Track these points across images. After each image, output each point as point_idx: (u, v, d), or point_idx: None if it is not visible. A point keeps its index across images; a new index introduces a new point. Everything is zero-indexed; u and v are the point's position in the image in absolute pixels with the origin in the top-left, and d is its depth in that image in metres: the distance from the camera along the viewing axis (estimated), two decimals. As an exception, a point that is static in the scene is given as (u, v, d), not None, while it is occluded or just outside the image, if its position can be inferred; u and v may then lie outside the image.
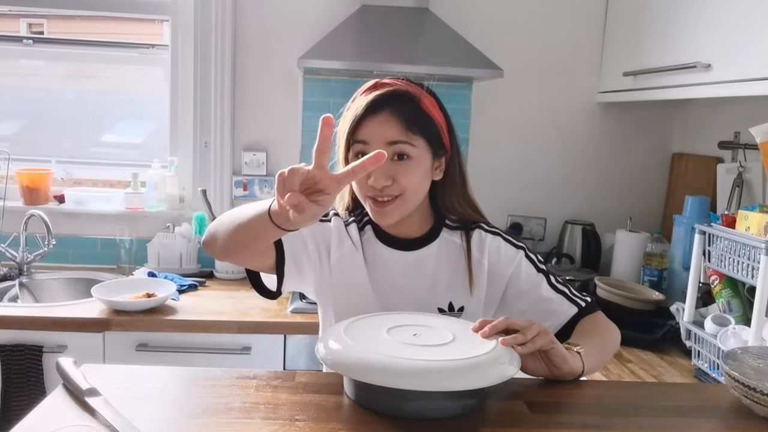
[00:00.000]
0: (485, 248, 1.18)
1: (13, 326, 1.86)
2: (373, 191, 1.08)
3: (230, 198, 2.46)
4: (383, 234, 1.18)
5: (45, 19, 2.86)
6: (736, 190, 2.02)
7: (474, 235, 1.19)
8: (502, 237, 1.20)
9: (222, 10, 2.32)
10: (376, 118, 1.07)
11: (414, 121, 1.08)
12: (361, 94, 1.13)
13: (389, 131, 1.07)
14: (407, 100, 1.10)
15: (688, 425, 0.87)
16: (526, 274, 1.18)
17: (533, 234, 2.54)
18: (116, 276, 2.29)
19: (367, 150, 1.06)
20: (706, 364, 1.57)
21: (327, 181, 0.82)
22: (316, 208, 0.82)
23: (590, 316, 1.18)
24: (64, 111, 2.61)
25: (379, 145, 1.06)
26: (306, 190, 0.82)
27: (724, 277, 1.61)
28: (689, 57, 1.82)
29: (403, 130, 1.07)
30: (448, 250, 1.18)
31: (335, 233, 1.17)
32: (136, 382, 0.92)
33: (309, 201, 0.81)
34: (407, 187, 1.08)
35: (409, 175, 1.08)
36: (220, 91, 2.37)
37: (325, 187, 0.82)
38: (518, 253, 1.19)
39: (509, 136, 2.53)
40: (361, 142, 1.08)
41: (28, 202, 2.42)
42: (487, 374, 0.82)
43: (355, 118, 1.08)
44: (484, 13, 2.45)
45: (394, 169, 1.07)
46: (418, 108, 1.10)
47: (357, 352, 0.83)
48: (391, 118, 1.07)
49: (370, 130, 1.07)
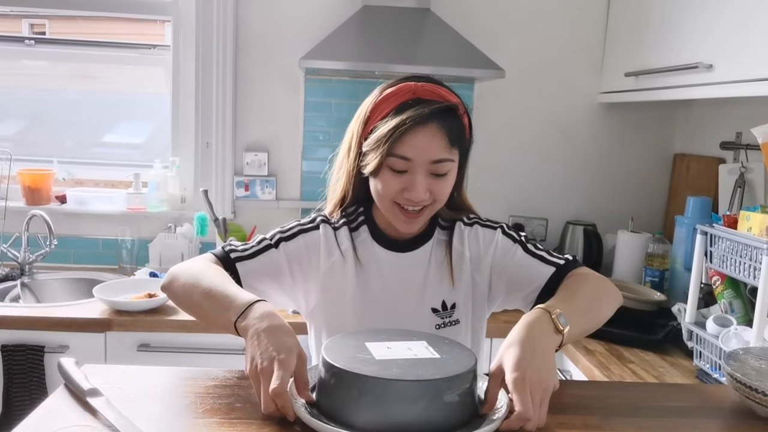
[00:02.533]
0: (465, 239, 1.17)
1: (15, 326, 1.86)
2: (406, 202, 1.06)
3: (232, 198, 2.46)
4: (379, 235, 1.17)
5: (47, 20, 2.86)
6: (737, 190, 2.02)
7: (455, 229, 1.18)
8: (479, 223, 1.19)
9: (223, 11, 2.32)
10: (423, 131, 1.02)
11: (455, 135, 1.06)
12: (395, 98, 1.06)
13: (435, 150, 1.03)
14: (453, 114, 1.06)
15: (689, 426, 0.87)
16: (503, 248, 1.16)
17: (535, 235, 2.54)
18: (118, 276, 2.29)
19: (408, 168, 1.04)
20: (708, 364, 1.57)
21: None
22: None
23: (574, 272, 1.11)
24: (65, 111, 2.62)
25: (422, 163, 1.03)
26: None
27: (726, 277, 1.61)
28: (691, 57, 1.82)
29: (446, 146, 1.04)
30: (438, 250, 1.17)
31: (324, 242, 1.15)
32: (138, 382, 0.92)
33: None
34: (440, 197, 1.08)
35: (445, 189, 1.08)
36: (222, 91, 2.37)
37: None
38: (495, 233, 1.17)
39: (510, 136, 2.53)
40: (402, 157, 1.03)
41: (29, 203, 2.42)
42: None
43: (399, 131, 1.02)
44: (486, 14, 2.45)
45: (432, 183, 1.06)
46: (460, 121, 1.08)
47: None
48: (437, 134, 1.03)
49: (415, 147, 1.02)
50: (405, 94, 1.05)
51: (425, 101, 1.04)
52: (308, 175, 2.49)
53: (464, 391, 0.80)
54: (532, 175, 2.56)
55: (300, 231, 1.16)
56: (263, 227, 2.45)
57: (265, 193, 2.47)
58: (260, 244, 1.14)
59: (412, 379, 0.77)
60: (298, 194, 2.51)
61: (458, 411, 0.79)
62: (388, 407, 0.76)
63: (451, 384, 0.78)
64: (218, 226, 2.35)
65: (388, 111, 1.05)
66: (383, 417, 0.76)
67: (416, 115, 1.02)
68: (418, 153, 1.03)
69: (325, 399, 0.82)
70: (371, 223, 1.17)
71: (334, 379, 0.80)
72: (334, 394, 0.80)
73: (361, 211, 1.18)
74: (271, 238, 1.15)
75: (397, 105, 1.05)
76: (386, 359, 0.82)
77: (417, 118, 1.01)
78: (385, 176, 1.06)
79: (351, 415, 0.78)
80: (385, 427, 0.76)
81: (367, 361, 0.81)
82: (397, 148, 1.03)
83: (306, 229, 1.16)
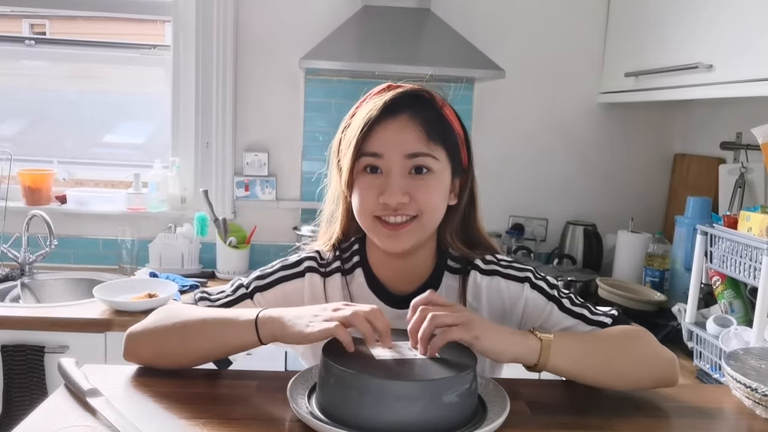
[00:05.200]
0: (482, 295, 1.00)
1: (15, 326, 1.86)
2: (384, 210, 0.92)
3: (232, 198, 2.46)
4: (376, 285, 1.01)
5: (47, 20, 2.86)
6: (738, 190, 2.02)
7: (469, 279, 1.00)
8: (500, 274, 1.00)
9: (224, 11, 2.32)
10: (391, 124, 0.91)
11: (435, 128, 0.92)
12: (371, 96, 0.97)
13: (408, 141, 0.91)
14: (427, 103, 0.94)
15: (689, 426, 0.87)
16: (535, 306, 0.99)
17: (535, 235, 2.54)
18: (118, 276, 2.29)
19: (379, 164, 0.92)
20: (708, 365, 1.57)
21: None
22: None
23: (617, 327, 0.97)
24: (66, 111, 2.62)
25: (396, 157, 0.91)
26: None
27: (726, 277, 1.61)
28: (691, 58, 1.82)
29: (423, 139, 0.91)
30: (450, 300, 0.94)
31: (308, 294, 1.01)
32: (138, 382, 0.92)
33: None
34: (426, 207, 0.92)
35: (429, 193, 0.92)
36: (222, 91, 2.37)
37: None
38: (523, 287, 0.99)
39: (511, 136, 2.53)
40: (373, 154, 0.91)
41: (29, 203, 2.42)
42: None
43: (366, 124, 0.91)
44: (486, 14, 2.45)
45: (412, 184, 0.91)
46: (440, 114, 0.95)
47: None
48: (409, 123, 0.91)
49: (384, 139, 0.91)
50: (378, 92, 0.96)
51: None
52: (308, 176, 2.49)
53: (464, 392, 0.80)
54: (532, 175, 2.56)
55: (281, 279, 1.01)
56: (263, 227, 2.46)
57: (265, 194, 2.47)
58: (235, 292, 1.01)
59: (412, 380, 0.77)
60: (298, 194, 2.51)
61: (458, 411, 0.79)
62: (388, 407, 0.76)
63: (451, 384, 0.78)
64: (218, 227, 2.35)
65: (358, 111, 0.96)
66: (383, 417, 0.76)
67: (383, 104, 0.91)
68: (388, 146, 0.91)
69: (325, 399, 0.82)
70: (366, 267, 1.02)
71: (334, 379, 0.80)
72: (334, 395, 0.80)
73: (356, 249, 1.03)
74: (247, 285, 1.01)
75: (367, 103, 0.95)
76: (386, 359, 0.82)
77: (383, 107, 0.91)
78: (360, 185, 0.93)
79: (351, 415, 0.78)
80: (384, 428, 0.76)
81: (367, 362, 0.81)
82: (366, 146, 0.91)
83: (288, 276, 1.02)
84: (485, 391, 0.88)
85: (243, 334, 0.88)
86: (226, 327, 0.90)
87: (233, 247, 2.36)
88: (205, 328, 0.91)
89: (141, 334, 0.94)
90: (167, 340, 0.93)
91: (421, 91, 0.95)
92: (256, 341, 0.88)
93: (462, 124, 1.00)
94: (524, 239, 2.51)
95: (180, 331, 0.92)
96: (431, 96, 0.96)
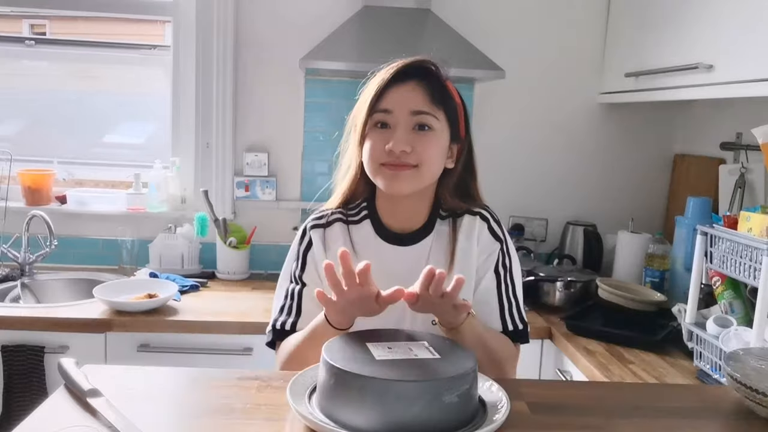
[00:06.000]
0: (474, 234, 1.16)
1: (15, 327, 1.86)
2: (389, 157, 1.07)
3: (232, 199, 2.46)
4: (382, 228, 1.16)
5: (47, 20, 2.86)
6: (738, 191, 2.02)
7: (463, 221, 1.17)
8: (488, 224, 1.18)
9: (224, 11, 2.32)
10: (402, 87, 1.08)
11: (438, 93, 1.09)
12: (386, 68, 1.13)
13: (414, 100, 1.07)
14: (433, 74, 1.11)
15: (689, 426, 0.87)
16: (489, 269, 1.16)
17: (535, 235, 2.54)
18: (118, 277, 2.29)
19: (388, 120, 1.08)
20: (708, 365, 1.57)
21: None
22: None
23: (508, 340, 1.14)
24: (66, 112, 2.62)
25: (403, 114, 1.07)
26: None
27: (726, 278, 1.61)
28: (691, 58, 1.82)
29: (428, 101, 1.08)
30: (440, 242, 1.16)
31: (318, 251, 1.16)
32: (138, 382, 0.92)
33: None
34: (425, 158, 1.07)
35: (428, 147, 1.08)
36: (222, 91, 2.37)
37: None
38: (495, 245, 1.17)
39: (511, 136, 2.53)
40: (384, 111, 1.08)
41: (30, 203, 2.42)
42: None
43: (380, 86, 1.08)
44: (486, 14, 2.45)
45: (415, 138, 1.07)
46: (443, 84, 1.12)
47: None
48: (417, 87, 1.08)
49: (394, 99, 1.07)
50: (391, 66, 1.12)
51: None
52: (308, 176, 2.49)
53: (464, 392, 0.80)
54: (533, 175, 2.56)
55: (304, 251, 1.18)
56: (263, 227, 2.46)
57: (266, 194, 2.47)
58: (292, 296, 1.16)
59: (412, 380, 0.77)
60: (298, 195, 2.51)
61: (458, 412, 0.79)
62: (388, 408, 0.76)
63: (451, 385, 0.78)
64: (218, 227, 2.35)
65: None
66: (383, 417, 0.76)
67: (395, 71, 1.09)
68: (398, 104, 1.07)
69: (325, 399, 0.82)
70: (374, 216, 1.17)
71: (334, 379, 0.80)
72: (334, 394, 0.80)
73: (364, 205, 1.18)
74: (291, 280, 1.18)
75: (382, 72, 1.12)
76: (386, 359, 0.82)
77: (396, 74, 1.09)
78: (371, 137, 1.09)
79: (351, 415, 0.78)
80: (385, 428, 0.76)
81: (368, 362, 0.81)
82: (379, 104, 1.08)
83: (306, 247, 1.18)
84: (485, 392, 0.88)
85: (327, 333, 0.99)
86: (314, 337, 1.03)
87: (233, 248, 2.36)
88: (308, 345, 1.05)
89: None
90: (299, 367, 1.02)
91: (429, 62, 1.12)
92: (337, 332, 0.99)
93: (462, 99, 1.16)
94: (524, 239, 2.51)
95: (297, 357, 1.07)
96: (437, 67, 1.13)
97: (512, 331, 1.15)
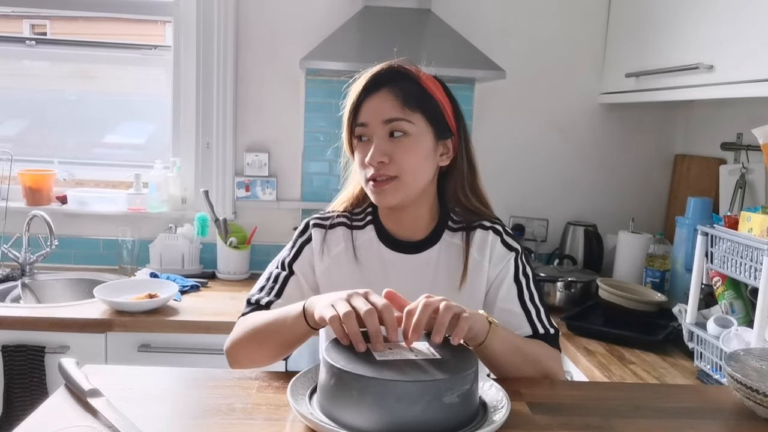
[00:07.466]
0: (487, 249, 1.14)
1: (16, 327, 1.86)
2: (371, 171, 1.07)
3: (232, 199, 2.46)
4: (386, 235, 1.15)
5: (48, 20, 2.86)
6: (738, 191, 2.02)
7: (476, 235, 1.15)
8: (501, 237, 1.16)
9: (224, 11, 2.32)
10: (373, 98, 1.07)
11: (412, 97, 1.07)
12: (359, 77, 1.12)
13: (385, 109, 1.06)
14: (405, 77, 1.09)
15: (690, 427, 0.87)
16: (506, 278, 1.14)
17: (535, 235, 2.54)
18: (118, 277, 2.29)
19: (366, 133, 1.08)
20: (709, 365, 1.57)
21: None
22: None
23: (543, 342, 1.10)
24: (66, 112, 2.62)
25: (377, 125, 1.06)
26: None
27: (727, 278, 1.61)
28: (691, 58, 1.82)
29: (399, 106, 1.06)
30: (449, 254, 1.14)
31: (317, 247, 1.16)
32: (138, 382, 0.92)
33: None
34: (404, 167, 1.06)
35: (406, 154, 1.06)
36: (223, 92, 2.37)
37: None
38: (509, 255, 1.15)
39: (511, 137, 2.53)
40: (361, 125, 1.08)
41: (30, 203, 2.43)
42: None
43: (355, 101, 1.08)
44: (487, 14, 2.45)
45: (392, 147, 1.06)
46: (417, 85, 1.09)
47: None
48: (388, 95, 1.06)
49: (367, 111, 1.07)
50: (362, 77, 1.11)
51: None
52: (309, 176, 2.49)
53: (464, 393, 0.80)
54: (533, 175, 2.56)
55: (301, 244, 1.18)
56: (264, 228, 2.46)
57: (266, 194, 2.47)
58: (277, 279, 1.16)
59: (413, 380, 0.77)
60: (298, 195, 2.51)
61: (458, 412, 0.79)
62: (389, 408, 0.76)
63: (452, 385, 0.78)
64: (219, 227, 2.35)
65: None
66: (384, 418, 0.76)
67: (365, 83, 1.08)
68: (371, 116, 1.07)
69: (325, 399, 0.82)
70: (378, 222, 1.17)
71: (335, 379, 0.80)
72: (335, 395, 0.80)
73: (369, 210, 1.19)
74: (281, 266, 1.17)
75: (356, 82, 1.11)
76: (387, 360, 0.82)
77: (366, 84, 1.08)
78: (357, 151, 1.10)
79: (351, 415, 0.78)
80: (385, 428, 0.76)
81: (368, 362, 0.81)
82: (357, 118, 1.09)
83: (305, 240, 1.18)
84: (485, 392, 0.88)
85: (297, 326, 0.97)
86: (282, 323, 1.00)
87: (234, 248, 2.36)
88: (269, 328, 1.02)
89: (232, 347, 1.09)
90: (249, 347, 1.06)
91: (398, 66, 1.11)
92: (308, 330, 0.96)
93: (450, 95, 1.14)
94: (525, 240, 2.51)
95: (255, 336, 1.04)
96: (406, 70, 1.10)
97: (544, 334, 1.11)
